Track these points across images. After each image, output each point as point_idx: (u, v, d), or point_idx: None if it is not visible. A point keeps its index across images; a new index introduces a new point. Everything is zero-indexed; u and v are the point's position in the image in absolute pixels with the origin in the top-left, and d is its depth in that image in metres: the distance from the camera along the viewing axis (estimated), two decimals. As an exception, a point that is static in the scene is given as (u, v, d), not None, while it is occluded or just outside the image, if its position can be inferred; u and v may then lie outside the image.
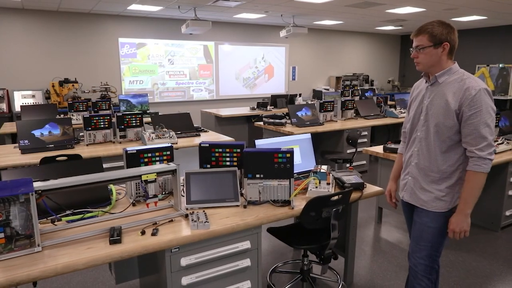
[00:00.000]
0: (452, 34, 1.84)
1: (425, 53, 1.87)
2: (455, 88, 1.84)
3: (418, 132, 1.99)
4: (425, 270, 2.00)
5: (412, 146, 2.04)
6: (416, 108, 2.02)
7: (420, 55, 1.89)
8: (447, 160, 1.89)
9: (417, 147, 1.99)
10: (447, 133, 1.86)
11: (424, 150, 1.96)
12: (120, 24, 8.06)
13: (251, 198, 2.12)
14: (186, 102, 9.13)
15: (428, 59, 1.88)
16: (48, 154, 3.29)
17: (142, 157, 2.19)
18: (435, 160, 1.92)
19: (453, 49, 1.87)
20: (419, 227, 2.00)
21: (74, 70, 7.72)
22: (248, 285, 1.99)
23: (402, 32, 11.74)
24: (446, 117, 1.85)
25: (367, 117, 5.97)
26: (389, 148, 3.54)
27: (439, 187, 1.92)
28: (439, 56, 1.86)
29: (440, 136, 1.88)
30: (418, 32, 1.88)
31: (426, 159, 1.95)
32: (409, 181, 2.05)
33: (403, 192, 2.11)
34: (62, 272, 1.47)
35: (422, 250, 2.00)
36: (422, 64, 1.91)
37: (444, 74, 1.89)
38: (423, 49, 1.86)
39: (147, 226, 1.82)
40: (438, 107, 1.88)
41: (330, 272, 2.86)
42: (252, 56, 9.93)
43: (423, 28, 1.86)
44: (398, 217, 3.99)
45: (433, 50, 1.85)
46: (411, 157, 2.04)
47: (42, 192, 1.62)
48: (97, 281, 2.77)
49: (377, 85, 11.86)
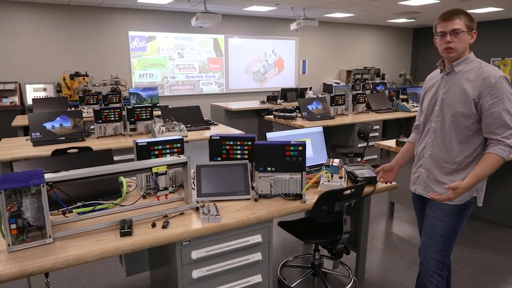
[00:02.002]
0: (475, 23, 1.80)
1: (460, 37, 1.77)
2: (472, 76, 1.78)
3: (433, 123, 1.93)
4: (436, 265, 1.95)
5: (426, 137, 1.97)
6: (430, 99, 1.95)
7: (457, 39, 1.77)
8: (464, 151, 1.84)
9: (431, 138, 1.93)
10: (464, 123, 1.80)
11: (439, 141, 1.90)
12: (130, 17, 8.06)
13: (262, 191, 2.10)
14: (195, 96, 9.12)
15: (462, 45, 1.79)
16: (59, 146, 3.30)
17: (152, 150, 2.17)
18: (450, 151, 1.86)
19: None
20: (431, 220, 1.95)
21: (85, 64, 7.75)
22: (259, 279, 1.97)
23: (414, 24, 11.53)
24: (464, 106, 1.79)
25: (378, 111, 5.88)
26: (402, 142, 3.47)
27: (455, 179, 1.85)
28: (468, 43, 1.80)
29: (457, 126, 1.82)
30: (453, 15, 1.76)
31: (441, 150, 1.89)
32: (422, 174, 1.99)
33: (415, 185, 2.05)
34: (73, 264, 1.46)
35: (433, 244, 1.95)
36: (456, 51, 1.79)
37: (460, 63, 1.83)
38: (461, 33, 1.76)
39: (157, 218, 1.81)
40: (455, 97, 1.82)
41: (342, 267, 2.82)
42: (262, 50, 9.86)
43: (459, 12, 1.76)
44: (410, 212, 3.94)
45: (467, 37, 1.79)
46: (425, 148, 1.98)
47: (53, 184, 1.61)
48: (107, 273, 2.78)
49: (388, 79, 11.70)
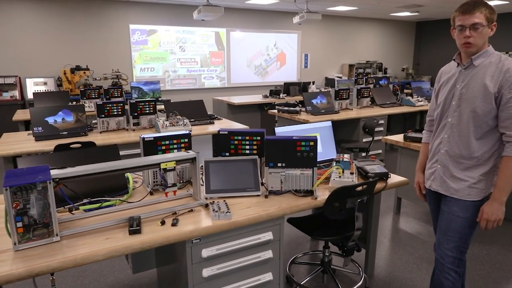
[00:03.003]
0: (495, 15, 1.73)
1: (480, 32, 1.71)
2: (493, 70, 1.72)
3: (449, 118, 1.87)
4: (452, 262, 1.91)
5: (442, 132, 1.92)
6: (446, 93, 1.89)
7: (476, 34, 1.71)
8: (482, 146, 1.78)
9: (448, 134, 1.88)
10: (484, 118, 1.75)
11: (455, 137, 1.85)
12: (131, 10, 7.96)
13: (273, 187, 2.05)
14: (197, 90, 9.04)
15: (481, 40, 1.73)
16: (62, 141, 3.25)
17: (159, 145, 2.12)
18: (468, 147, 1.81)
19: None
20: (447, 216, 1.90)
21: (86, 57, 7.67)
22: (269, 277, 1.92)
23: (417, 18, 11.42)
24: (484, 101, 1.73)
25: (383, 106, 5.82)
26: (410, 137, 3.42)
27: (473, 175, 1.81)
28: (487, 37, 1.74)
29: (476, 121, 1.77)
30: (474, 8, 1.69)
31: (458, 145, 1.84)
32: (438, 170, 1.94)
33: (431, 181, 2.00)
34: (82, 263, 1.42)
35: (449, 241, 1.90)
36: (476, 46, 1.73)
37: (480, 56, 1.77)
38: (481, 27, 1.69)
39: (166, 216, 1.76)
40: (474, 91, 1.76)
41: (351, 264, 2.78)
42: (264, 43, 9.77)
43: (480, 4, 1.69)
44: (417, 208, 3.89)
45: (486, 30, 1.72)
46: (440, 144, 1.92)
47: (60, 180, 1.56)
48: (113, 270, 2.74)
49: (390, 73, 11.62)
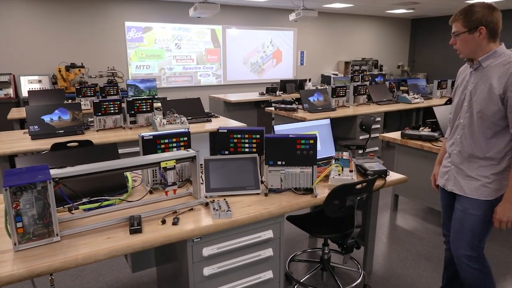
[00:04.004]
0: (489, 16, 1.73)
1: (461, 39, 1.80)
2: (500, 72, 1.74)
3: (461, 119, 1.90)
4: (469, 259, 1.92)
5: (455, 133, 1.95)
6: (460, 94, 1.93)
7: (457, 41, 1.82)
8: (493, 147, 1.80)
9: (460, 135, 1.91)
10: (491, 119, 1.76)
11: (467, 137, 1.87)
12: (126, 7, 7.90)
13: (272, 186, 2.05)
14: (193, 87, 9.02)
15: (465, 46, 1.81)
16: (59, 140, 3.22)
17: (158, 143, 2.11)
18: (480, 147, 1.83)
19: (494, 31, 1.76)
20: (460, 215, 1.93)
21: (80, 55, 7.61)
22: (270, 275, 1.93)
23: (413, 15, 11.45)
24: (490, 102, 1.75)
25: (379, 103, 5.84)
26: (407, 135, 3.44)
27: (485, 174, 1.83)
28: (477, 42, 1.77)
29: (484, 122, 1.79)
30: (453, 18, 1.82)
31: (470, 146, 1.86)
32: (452, 170, 1.97)
33: (445, 181, 2.02)
34: (83, 263, 1.41)
35: (462, 239, 1.92)
36: (461, 51, 1.85)
37: (488, 58, 1.78)
38: (458, 35, 1.80)
39: (167, 215, 1.76)
40: (481, 93, 1.79)
41: (350, 261, 2.79)
42: (260, 41, 9.75)
43: (457, 13, 1.80)
44: (414, 205, 3.92)
45: (468, 36, 1.77)
46: (453, 145, 1.95)
47: (60, 180, 1.55)
48: (112, 269, 2.73)
49: (386, 70, 11.66)
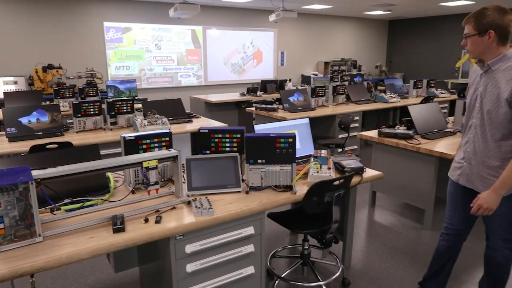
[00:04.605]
0: (500, 20, 1.79)
1: (471, 41, 1.87)
2: (508, 75, 1.81)
3: (474, 119, 1.98)
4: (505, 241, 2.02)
5: (468, 133, 2.03)
6: (471, 94, 2.01)
7: (468, 43, 1.90)
8: (502, 148, 1.87)
9: (473, 134, 1.99)
10: (500, 121, 1.84)
11: (479, 137, 1.95)
12: (105, 7, 7.81)
13: (253, 183, 2.10)
14: (174, 88, 8.98)
15: (475, 48, 1.88)
16: (37, 142, 3.19)
17: (140, 144, 2.13)
18: (490, 147, 1.91)
19: (504, 35, 1.82)
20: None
21: (58, 56, 7.47)
22: (251, 270, 1.98)
23: (390, 17, 11.73)
24: (498, 105, 1.83)
25: (358, 102, 5.98)
26: (384, 133, 3.55)
27: (496, 174, 1.90)
28: (486, 44, 1.84)
29: (494, 123, 1.87)
30: (465, 20, 1.88)
31: (482, 146, 1.94)
32: (465, 167, 2.04)
33: (458, 176, 2.10)
34: (67, 262, 1.43)
35: (495, 233, 2.02)
36: (471, 52, 1.92)
37: (498, 61, 1.85)
38: (469, 37, 1.87)
39: (149, 213, 1.79)
40: (491, 95, 1.86)
41: (329, 256, 2.88)
42: (241, 41, 9.80)
43: (470, 15, 1.87)
44: (391, 201, 4.05)
45: (478, 39, 1.84)
46: (467, 143, 2.03)
47: (41, 181, 1.56)
48: (94, 270, 2.73)
49: (364, 70, 11.89)
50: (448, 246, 2.20)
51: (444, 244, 2.22)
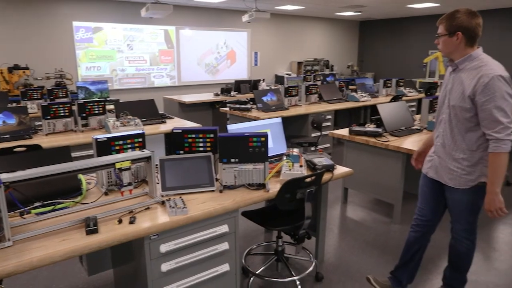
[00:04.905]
0: (468, 22, 1.91)
1: (442, 41, 2.01)
2: (471, 75, 1.94)
3: (444, 115, 2.10)
4: (465, 233, 2.19)
5: (439, 127, 2.15)
6: (442, 91, 2.15)
7: (440, 42, 2.03)
8: (467, 141, 2.00)
9: (442, 129, 2.11)
10: (464, 116, 1.97)
11: (447, 132, 2.07)
12: (74, 6, 7.62)
13: (227, 182, 2.13)
14: (147, 89, 8.87)
15: (445, 47, 2.01)
16: (4, 145, 3.09)
17: (113, 145, 2.12)
18: (456, 141, 2.04)
19: (471, 37, 1.94)
20: (450, 202, 2.16)
21: (25, 56, 7.23)
22: (226, 268, 2.02)
23: (361, 18, 12.02)
24: (462, 101, 1.96)
25: (330, 101, 6.11)
26: (355, 131, 3.66)
27: (461, 166, 2.03)
28: (455, 45, 1.97)
29: (459, 118, 2.00)
30: (439, 20, 2.02)
31: (449, 140, 2.07)
32: (435, 160, 2.17)
33: (427, 169, 2.23)
34: (39, 265, 1.42)
35: (458, 222, 2.17)
36: (442, 51, 2.05)
37: (464, 61, 1.98)
38: (440, 37, 2.00)
39: (123, 214, 1.79)
40: (456, 92, 2.00)
41: (303, 251, 2.95)
42: (214, 42, 9.79)
43: (443, 16, 2.00)
44: (362, 197, 4.17)
45: (448, 39, 1.98)
46: (437, 137, 2.16)
47: (10, 184, 1.54)
48: (66, 275, 2.68)
49: (337, 70, 12.13)
50: (418, 237, 2.32)
51: (414, 235, 2.34)
